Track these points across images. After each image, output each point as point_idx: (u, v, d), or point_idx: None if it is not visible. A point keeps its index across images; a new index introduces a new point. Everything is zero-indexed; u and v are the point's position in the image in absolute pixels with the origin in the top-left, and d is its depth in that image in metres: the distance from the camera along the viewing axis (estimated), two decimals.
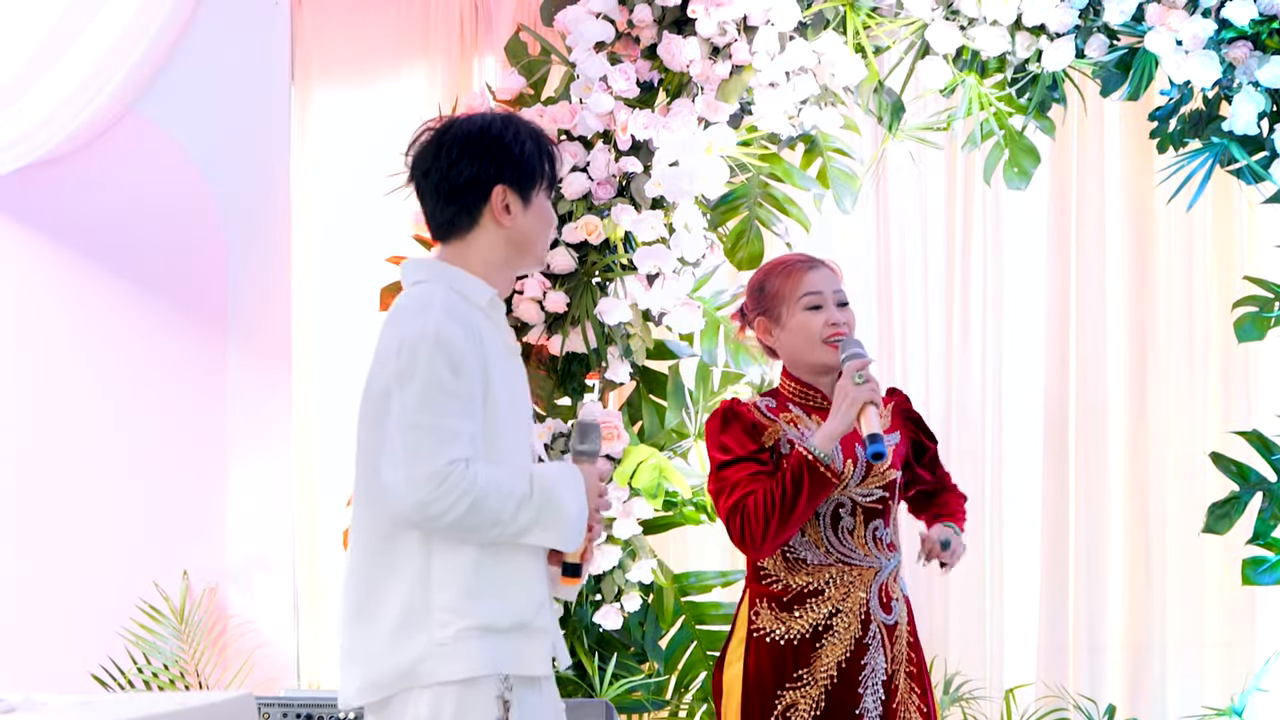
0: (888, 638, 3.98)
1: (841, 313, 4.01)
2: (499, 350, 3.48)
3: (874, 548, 3.99)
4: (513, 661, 3.43)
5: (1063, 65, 5.56)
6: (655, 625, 5.64)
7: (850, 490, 3.97)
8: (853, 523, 3.97)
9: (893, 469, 4.02)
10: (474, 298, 3.49)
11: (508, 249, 3.52)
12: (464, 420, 3.36)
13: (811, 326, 3.99)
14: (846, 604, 3.96)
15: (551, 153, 3.55)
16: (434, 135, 3.53)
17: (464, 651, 3.39)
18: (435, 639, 3.39)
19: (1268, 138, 5.58)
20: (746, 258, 5.73)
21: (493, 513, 3.36)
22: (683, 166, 5.42)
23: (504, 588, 3.43)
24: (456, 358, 3.36)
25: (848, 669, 3.95)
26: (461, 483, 3.33)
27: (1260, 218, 6.07)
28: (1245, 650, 6.04)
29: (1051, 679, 6.08)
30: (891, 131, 5.75)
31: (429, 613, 3.40)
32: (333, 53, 6.26)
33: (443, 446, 3.33)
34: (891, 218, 6.23)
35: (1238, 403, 6.08)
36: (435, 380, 3.36)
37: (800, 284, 4.02)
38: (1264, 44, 5.52)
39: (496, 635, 3.42)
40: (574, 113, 5.50)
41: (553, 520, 3.42)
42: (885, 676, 3.97)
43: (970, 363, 6.18)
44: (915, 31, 5.55)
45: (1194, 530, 5.83)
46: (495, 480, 3.38)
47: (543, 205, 3.54)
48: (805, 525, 3.95)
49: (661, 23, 5.55)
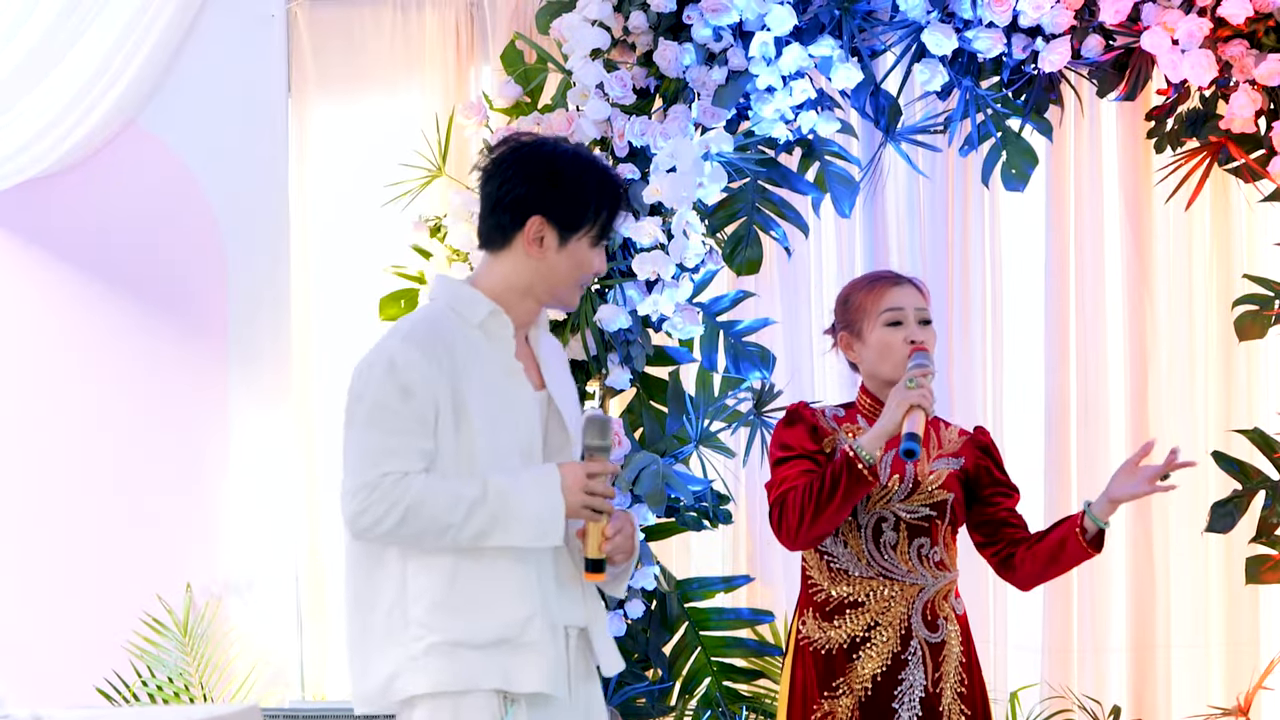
0: (931, 655, 3.97)
1: (922, 330, 4.02)
2: (486, 372, 3.49)
3: (919, 564, 3.98)
4: (496, 677, 3.42)
5: (1059, 66, 5.56)
6: (659, 632, 5.63)
7: (894, 505, 3.97)
8: (895, 538, 3.98)
9: (944, 490, 4.01)
10: (468, 315, 3.51)
11: (532, 279, 3.54)
12: (409, 438, 3.42)
13: (890, 341, 4.00)
14: (886, 618, 3.96)
15: (613, 205, 3.54)
16: (510, 147, 3.56)
17: (432, 666, 3.41)
18: (409, 653, 3.43)
19: (1265, 135, 5.58)
20: (745, 263, 5.73)
21: (435, 518, 3.39)
22: (680, 172, 5.42)
23: (482, 601, 3.43)
24: (407, 380, 3.43)
25: (884, 682, 3.96)
26: (392, 493, 3.40)
27: (1259, 216, 6.07)
28: (1250, 649, 6.04)
29: (1056, 680, 6.08)
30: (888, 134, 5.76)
31: (406, 627, 3.44)
32: (329, 64, 6.26)
33: (378, 460, 3.43)
34: (889, 221, 6.23)
35: (1239, 401, 6.07)
36: (381, 402, 3.45)
37: (883, 300, 4.04)
38: (1260, 42, 5.53)
39: (471, 651, 3.41)
40: (570, 120, 5.50)
41: (514, 521, 3.42)
42: (925, 694, 3.97)
43: (971, 364, 6.18)
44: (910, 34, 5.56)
45: (1197, 529, 5.83)
46: (437, 488, 3.41)
47: (581, 251, 3.53)
48: (849, 537, 3.97)
49: (657, 29, 5.56)
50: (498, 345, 3.53)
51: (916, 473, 4.00)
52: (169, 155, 6.09)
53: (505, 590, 3.45)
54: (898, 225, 6.22)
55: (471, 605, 3.43)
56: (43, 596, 6.02)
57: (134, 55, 5.94)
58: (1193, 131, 5.68)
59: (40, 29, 5.81)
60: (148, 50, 5.95)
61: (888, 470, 3.96)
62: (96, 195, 6.08)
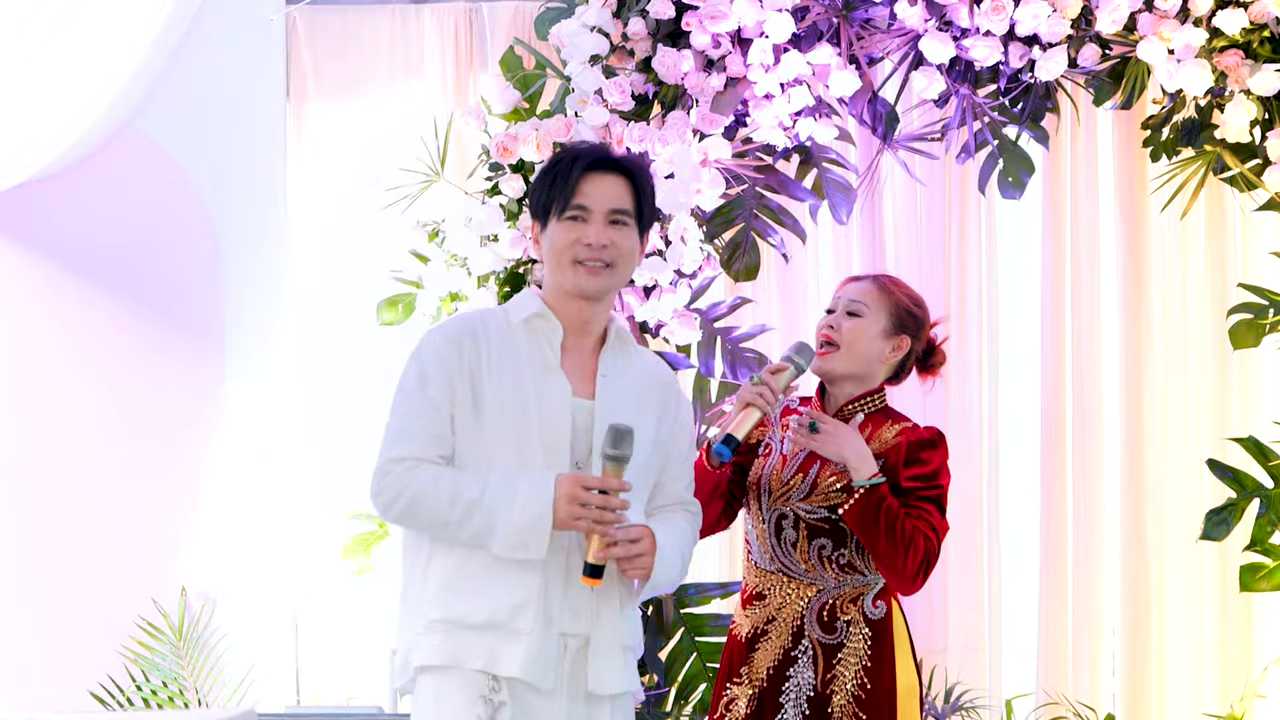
0: (824, 656, 3.95)
1: (845, 319, 4.01)
2: (518, 366, 3.56)
3: (818, 565, 3.96)
4: (481, 658, 3.51)
5: (1055, 75, 5.58)
6: (655, 637, 5.64)
7: (793, 503, 3.96)
8: (795, 536, 3.97)
9: (843, 493, 3.92)
10: (514, 314, 3.64)
11: (548, 274, 3.66)
12: (423, 421, 3.53)
13: (817, 326, 4.04)
14: (782, 613, 3.97)
15: (561, 175, 3.60)
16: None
17: (432, 641, 3.53)
18: (416, 629, 3.56)
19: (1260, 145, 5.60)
20: (743, 269, 5.75)
21: (434, 514, 3.51)
22: (678, 179, 5.43)
23: (481, 585, 3.53)
24: (426, 367, 3.55)
25: (774, 676, 3.97)
26: (400, 480, 3.52)
27: (1253, 225, 6.09)
28: (1244, 657, 6.05)
29: (1051, 687, 6.09)
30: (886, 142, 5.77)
31: (420, 604, 3.57)
32: (328, 68, 6.27)
33: (391, 445, 3.56)
34: (887, 228, 6.25)
35: (1233, 409, 6.10)
36: (403, 387, 3.59)
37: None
38: (1255, 52, 5.55)
39: (465, 630, 3.52)
40: (569, 126, 5.51)
41: (499, 528, 3.49)
42: (813, 693, 3.94)
43: (966, 372, 6.20)
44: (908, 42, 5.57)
45: (1191, 537, 5.84)
46: (441, 482, 3.51)
47: (553, 230, 3.63)
48: (759, 529, 3.98)
49: (656, 36, 5.56)
50: (540, 344, 3.60)
51: (817, 475, 3.96)
52: (166, 159, 6.08)
53: (504, 578, 3.52)
54: (895, 232, 6.23)
55: (472, 587, 3.53)
56: (37, 601, 6.01)
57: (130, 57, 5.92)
58: (1188, 141, 5.69)
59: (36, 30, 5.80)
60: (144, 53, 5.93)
61: (795, 467, 3.95)
62: (93, 199, 6.08)
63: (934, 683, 6.05)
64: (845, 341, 4.00)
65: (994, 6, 5.49)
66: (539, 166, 3.82)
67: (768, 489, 3.97)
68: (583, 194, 3.59)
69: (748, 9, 5.45)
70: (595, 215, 3.59)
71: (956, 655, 6.14)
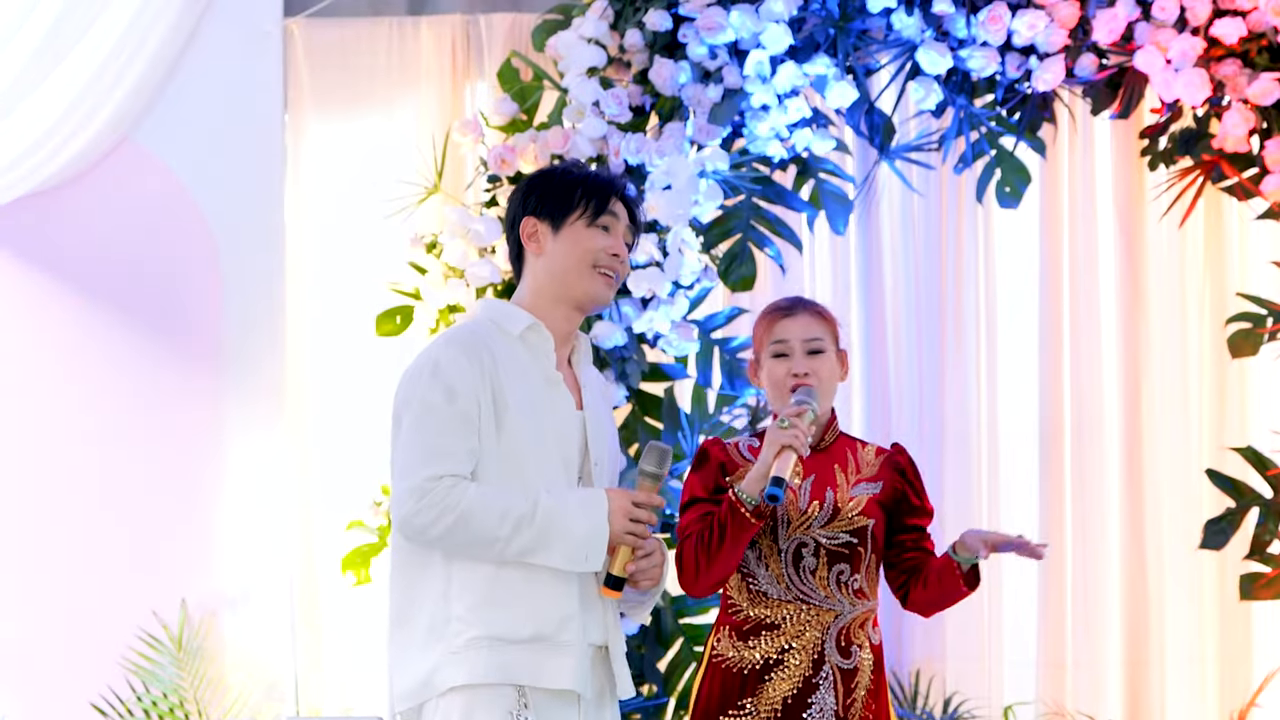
0: (843, 681, 3.96)
1: (808, 361, 3.96)
2: (527, 378, 3.58)
3: (837, 591, 3.96)
4: (528, 672, 3.52)
5: (1053, 85, 5.58)
6: (654, 647, 5.64)
7: (814, 531, 3.96)
8: (815, 563, 3.96)
9: (864, 516, 3.96)
10: (509, 327, 3.62)
11: (547, 278, 3.65)
12: (455, 439, 3.50)
13: (775, 373, 3.98)
14: (799, 642, 3.96)
15: (601, 191, 3.65)
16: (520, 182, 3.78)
17: (471, 659, 3.50)
18: (450, 648, 3.52)
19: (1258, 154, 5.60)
20: (740, 280, 5.75)
21: (484, 530, 3.48)
22: (675, 190, 5.44)
23: (523, 599, 3.52)
24: (452, 381, 3.51)
25: (793, 704, 3.95)
26: (445, 498, 3.47)
27: (1252, 234, 6.09)
28: (1243, 665, 6.05)
29: (1050, 696, 6.09)
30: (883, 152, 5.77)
31: (448, 623, 3.52)
32: (326, 81, 6.27)
33: (427, 463, 3.49)
34: (883, 238, 6.25)
35: (1232, 418, 6.09)
36: (428, 403, 3.51)
37: (772, 331, 4.01)
38: (1253, 61, 5.55)
39: (510, 645, 3.51)
40: (566, 138, 5.51)
41: (557, 542, 3.50)
42: (835, 718, 3.95)
43: (965, 381, 6.20)
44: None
45: (1191, 546, 5.84)
46: (489, 499, 3.49)
47: (577, 233, 3.64)
48: (770, 561, 3.97)
49: (653, 47, 5.57)
50: (538, 356, 3.62)
51: (836, 499, 3.97)
52: (164, 171, 6.09)
53: (545, 591, 3.53)
54: (892, 243, 6.23)
55: (512, 602, 3.52)
56: (38, 612, 6.01)
57: (129, 70, 5.93)
58: (1186, 150, 5.69)
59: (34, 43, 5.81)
60: (143, 65, 5.94)
61: (807, 496, 3.96)
62: (91, 211, 6.08)
63: (932, 692, 6.05)
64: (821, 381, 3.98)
65: (991, 17, 5.49)
66: (550, 171, 3.74)
67: (785, 520, 3.96)
68: (612, 209, 3.67)
69: (744, 20, 5.46)
70: (618, 230, 3.69)
71: (955, 664, 6.14)
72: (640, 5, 5.57)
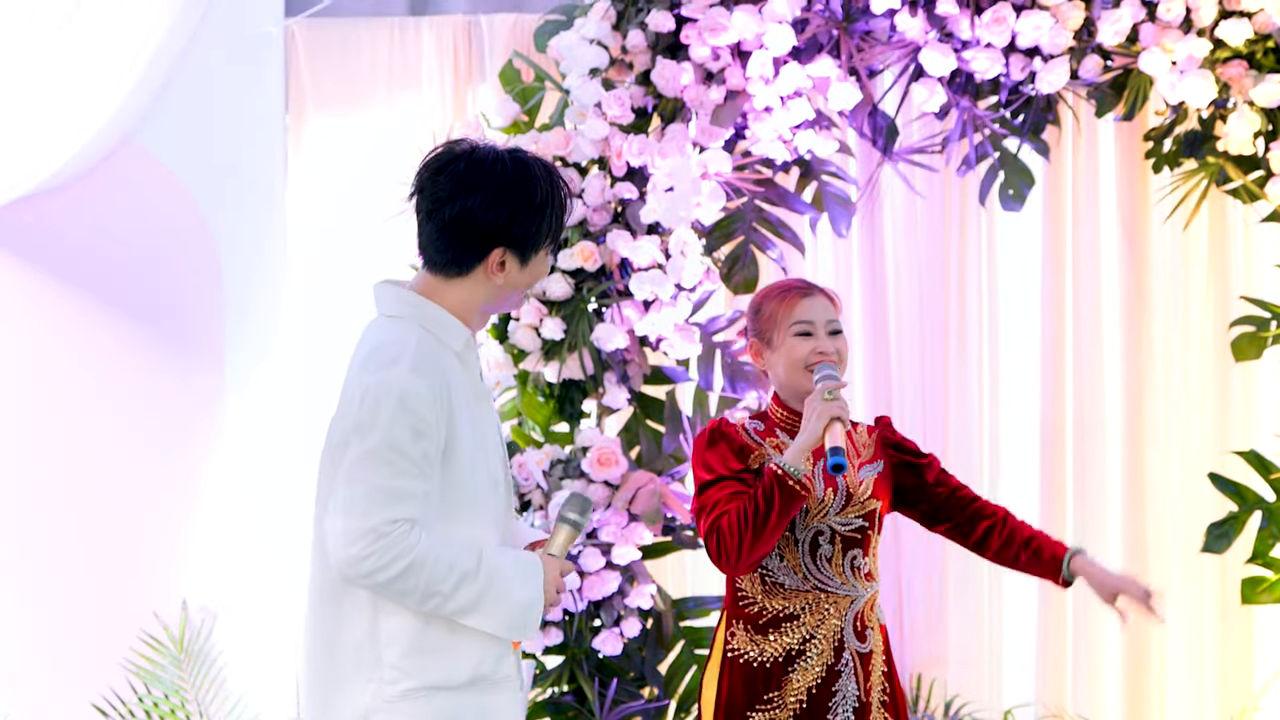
0: (862, 666, 4.00)
1: (831, 341, 4.02)
2: (468, 398, 3.41)
3: (851, 576, 4.00)
4: (472, 711, 3.39)
5: (1057, 87, 5.56)
6: (655, 650, 5.64)
7: (829, 518, 3.99)
8: (831, 551, 3.99)
9: (874, 499, 4.03)
10: (449, 341, 3.42)
11: (490, 296, 3.45)
12: (416, 482, 3.30)
13: (798, 352, 4.00)
14: (821, 630, 3.98)
15: (561, 209, 3.44)
16: (450, 163, 3.39)
17: (409, 710, 3.36)
18: (383, 695, 3.37)
19: (1263, 157, 5.59)
20: (743, 282, 5.74)
21: (429, 582, 3.30)
22: (678, 192, 5.42)
23: (457, 642, 3.38)
24: (417, 419, 3.29)
25: (819, 694, 3.98)
26: (400, 543, 3.28)
27: (1256, 237, 6.08)
28: (1244, 670, 6.04)
29: (1050, 699, 6.09)
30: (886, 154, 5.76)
31: (378, 667, 3.37)
32: (327, 82, 6.26)
33: (388, 505, 3.28)
34: (886, 241, 6.24)
35: (1234, 422, 6.08)
36: (392, 441, 3.29)
37: (793, 311, 4.04)
38: (1259, 63, 5.53)
39: (449, 693, 3.38)
40: (568, 139, 5.50)
41: (496, 605, 3.36)
42: (858, 704, 3.99)
43: (967, 384, 6.19)
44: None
45: (1192, 550, 5.84)
46: (438, 550, 3.31)
47: (539, 264, 3.46)
48: (784, 551, 3.98)
49: (655, 48, 5.55)
50: (470, 370, 3.47)
51: (848, 484, 4.01)
52: (165, 172, 6.08)
53: (475, 633, 3.39)
54: (894, 245, 6.22)
55: (447, 647, 3.38)
56: (39, 613, 6.01)
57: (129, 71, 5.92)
58: (1191, 152, 5.69)
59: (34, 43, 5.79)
60: (143, 66, 5.93)
61: (820, 484, 3.97)
62: (91, 212, 6.07)
63: (933, 694, 6.05)
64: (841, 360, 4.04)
65: (995, 18, 5.48)
66: (522, 187, 3.39)
67: (803, 510, 3.97)
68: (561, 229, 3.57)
69: (747, 21, 5.45)
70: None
71: (955, 667, 6.14)
72: (643, 6, 5.56)
